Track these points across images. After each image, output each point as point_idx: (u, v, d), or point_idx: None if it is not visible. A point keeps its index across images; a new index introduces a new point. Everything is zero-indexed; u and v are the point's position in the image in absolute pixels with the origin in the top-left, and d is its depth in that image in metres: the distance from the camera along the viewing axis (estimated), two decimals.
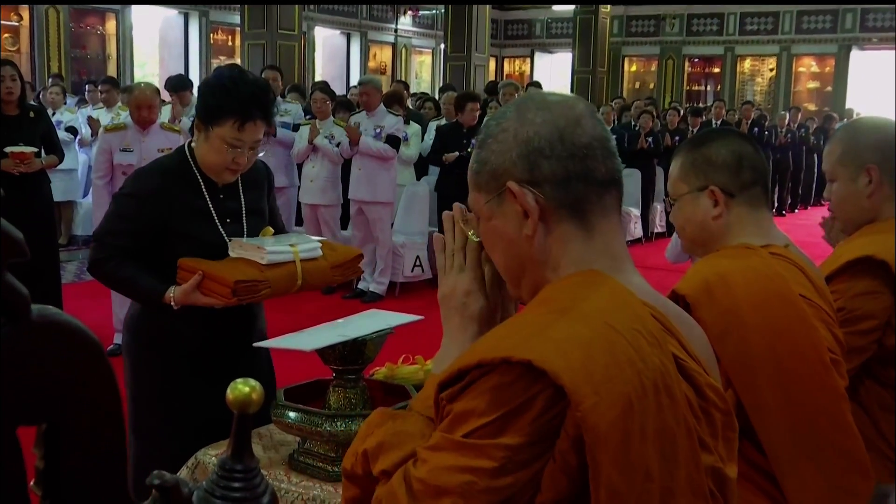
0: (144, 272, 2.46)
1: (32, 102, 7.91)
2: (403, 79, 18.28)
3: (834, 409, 1.74)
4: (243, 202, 2.59)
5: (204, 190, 2.52)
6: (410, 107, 9.61)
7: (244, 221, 2.57)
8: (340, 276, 2.63)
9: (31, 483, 0.69)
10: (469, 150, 7.19)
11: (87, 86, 10.51)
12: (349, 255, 2.64)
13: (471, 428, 0.99)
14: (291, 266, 2.45)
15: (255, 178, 2.63)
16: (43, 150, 5.46)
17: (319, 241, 2.60)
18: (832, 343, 1.79)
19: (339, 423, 2.15)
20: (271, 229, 2.57)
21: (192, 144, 2.53)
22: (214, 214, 2.52)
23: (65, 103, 9.43)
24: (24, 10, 13.40)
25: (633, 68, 21.40)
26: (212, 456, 2.30)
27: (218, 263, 2.43)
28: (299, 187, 7.52)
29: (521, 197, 1.13)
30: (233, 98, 2.41)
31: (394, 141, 7.20)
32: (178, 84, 8.01)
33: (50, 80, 10.66)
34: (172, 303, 2.42)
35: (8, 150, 5.11)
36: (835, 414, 1.74)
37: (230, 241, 2.47)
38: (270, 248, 2.41)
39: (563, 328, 1.03)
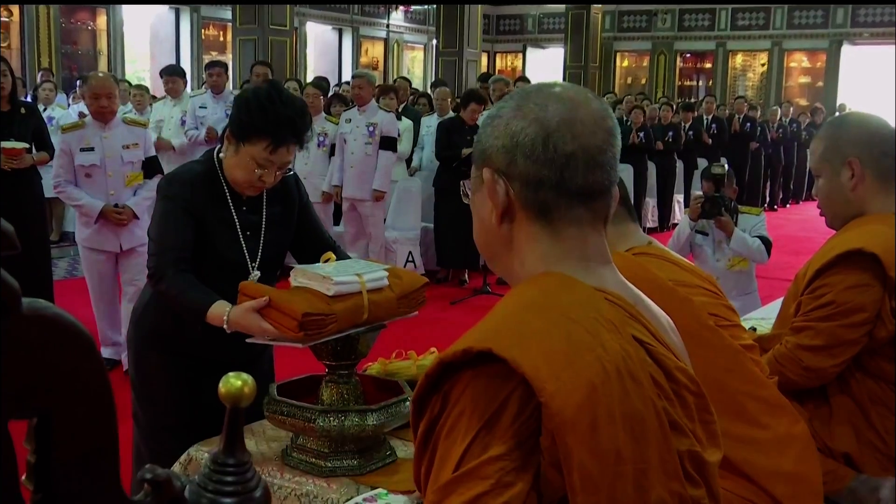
0: (193, 287, 2.34)
1: (26, 99, 7.87)
2: (395, 74, 18.25)
3: (735, 364, 1.80)
4: (265, 215, 2.54)
5: (229, 201, 2.48)
6: (408, 104, 9.57)
7: (262, 235, 2.52)
8: (406, 308, 2.35)
9: (23, 478, 0.69)
10: None
11: (77, 82, 10.45)
12: (415, 284, 2.39)
13: (458, 456, 0.99)
14: (358, 298, 2.21)
15: (283, 190, 2.55)
16: (34, 147, 5.42)
17: (385, 268, 2.36)
18: (716, 309, 1.87)
19: (331, 419, 2.15)
20: (333, 255, 2.39)
21: (221, 155, 2.46)
22: (238, 226, 2.49)
23: (55, 99, 9.39)
24: (14, 6, 13.32)
25: (625, 63, 21.40)
26: (204, 452, 2.30)
27: (282, 292, 2.24)
28: None
29: (490, 186, 1.14)
30: (268, 119, 2.34)
31: (390, 142, 7.18)
32: (173, 70, 8.02)
33: (40, 75, 10.61)
34: (225, 323, 2.24)
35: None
36: (738, 368, 1.80)
37: (292, 268, 2.29)
38: (337, 279, 2.18)
39: (521, 321, 1.05)
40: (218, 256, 2.45)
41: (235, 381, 0.80)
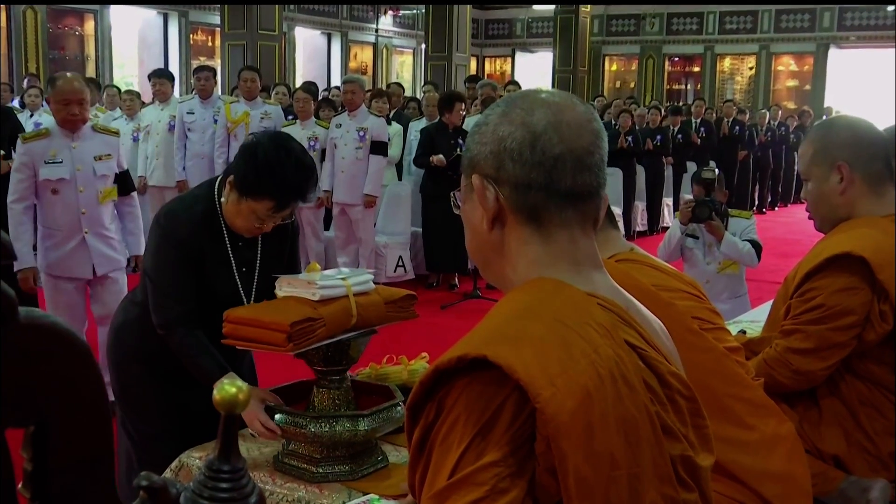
0: (205, 352, 2.38)
1: (13, 104, 7.80)
2: (384, 79, 18.25)
3: (720, 366, 1.80)
4: (259, 252, 2.53)
5: (226, 239, 2.47)
6: (398, 108, 9.56)
7: (256, 271, 2.53)
8: (395, 315, 2.36)
9: (20, 485, 0.69)
10: (458, 150, 7.19)
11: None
12: (400, 293, 2.41)
13: (453, 463, 0.99)
14: (345, 301, 2.22)
15: (279, 226, 2.50)
16: (12, 152, 5.33)
17: (371, 272, 2.41)
18: (700, 312, 1.87)
19: (323, 425, 2.15)
20: (318, 265, 2.41)
21: (223, 200, 2.42)
22: (233, 263, 2.49)
23: (42, 105, 9.34)
24: (1, 11, 13.27)
25: (614, 67, 21.45)
26: (196, 458, 2.29)
27: (266, 307, 2.26)
28: None
29: (479, 192, 1.15)
30: (276, 183, 2.31)
31: (380, 147, 7.18)
32: (161, 72, 8.00)
33: (26, 80, 10.56)
34: None
35: None
36: (722, 370, 1.80)
37: (277, 279, 2.31)
38: (321, 283, 2.20)
39: (515, 327, 1.05)
40: (213, 293, 2.44)
41: (230, 388, 0.80)
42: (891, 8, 17.18)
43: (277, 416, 2.20)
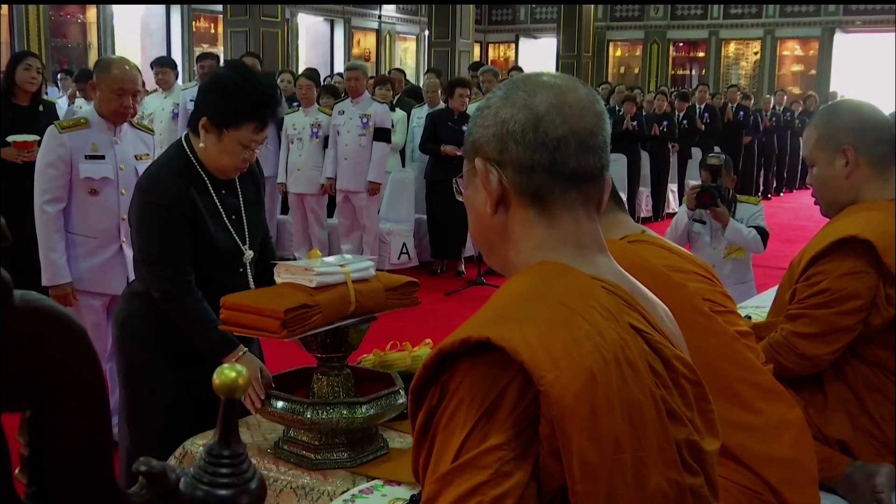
0: (210, 321, 2.36)
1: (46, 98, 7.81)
2: (388, 65, 18.21)
3: (730, 349, 1.79)
4: (241, 196, 2.56)
5: (210, 188, 2.49)
6: (402, 95, 9.53)
7: (244, 215, 2.55)
8: (396, 302, 2.35)
9: (16, 471, 0.69)
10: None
11: (58, 74, 10.33)
12: (401, 280, 2.40)
13: (456, 446, 0.99)
14: (343, 288, 2.22)
15: (248, 170, 2.56)
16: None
17: (372, 259, 2.41)
18: (712, 295, 1.85)
19: (320, 412, 2.14)
20: (319, 251, 2.44)
21: (201, 145, 2.44)
22: (223, 212, 2.50)
23: (45, 94, 9.31)
24: None
25: (618, 53, 21.38)
26: (199, 445, 2.29)
27: (262, 293, 2.26)
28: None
29: (483, 175, 1.14)
30: (251, 102, 2.38)
31: (384, 134, 7.17)
32: (163, 61, 7.98)
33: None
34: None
35: (10, 139, 4.91)
36: (732, 354, 1.79)
37: (275, 265, 2.32)
38: (319, 269, 2.20)
39: (519, 310, 1.05)
40: (212, 246, 2.46)
41: (229, 373, 0.79)
42: None
43: (277, 404, 2.19)
